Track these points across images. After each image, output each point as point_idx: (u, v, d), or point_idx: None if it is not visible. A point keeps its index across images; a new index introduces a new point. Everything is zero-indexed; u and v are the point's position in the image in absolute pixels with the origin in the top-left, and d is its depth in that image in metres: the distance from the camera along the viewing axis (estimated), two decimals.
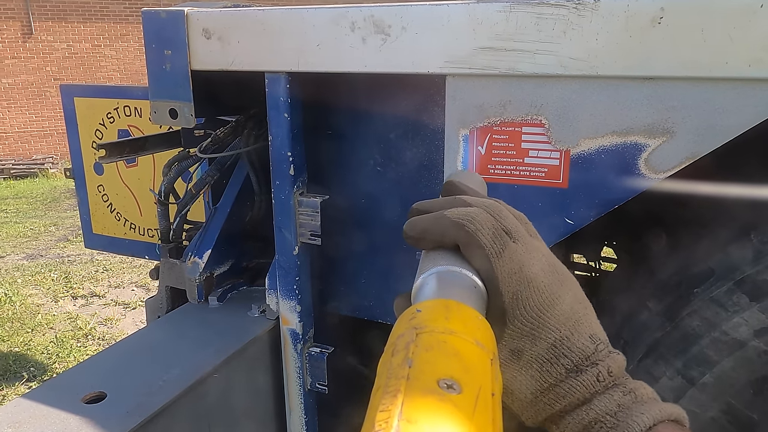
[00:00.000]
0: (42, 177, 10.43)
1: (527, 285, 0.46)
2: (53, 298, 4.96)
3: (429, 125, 1.30)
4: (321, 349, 1.44)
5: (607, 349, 0.47)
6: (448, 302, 0.39)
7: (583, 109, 1.00)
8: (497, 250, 0.46)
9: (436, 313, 0.37)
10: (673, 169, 0.97)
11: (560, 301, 0.47)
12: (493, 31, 1.01)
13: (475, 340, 0.35)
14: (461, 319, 0.37)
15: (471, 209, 0.49)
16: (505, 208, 0.51)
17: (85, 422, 1.07)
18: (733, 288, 1.01)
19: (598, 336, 0.47)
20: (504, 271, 0.46)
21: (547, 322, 0.46)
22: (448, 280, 0.44)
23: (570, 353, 0.46)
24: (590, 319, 0.48)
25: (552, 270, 0.48)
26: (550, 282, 0.47)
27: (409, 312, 0.38)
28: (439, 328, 0.35)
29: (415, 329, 0.35)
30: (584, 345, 0.46)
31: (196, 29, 1.27)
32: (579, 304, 0.48)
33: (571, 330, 0.46)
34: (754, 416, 1.01)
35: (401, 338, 0.35)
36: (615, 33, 0.94)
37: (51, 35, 11.26)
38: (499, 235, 0.47)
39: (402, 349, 0.34)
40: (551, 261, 0.49)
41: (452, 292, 0.43)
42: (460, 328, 0.35)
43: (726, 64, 0.88)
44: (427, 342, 0.34)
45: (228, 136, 1.60)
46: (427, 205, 0.53)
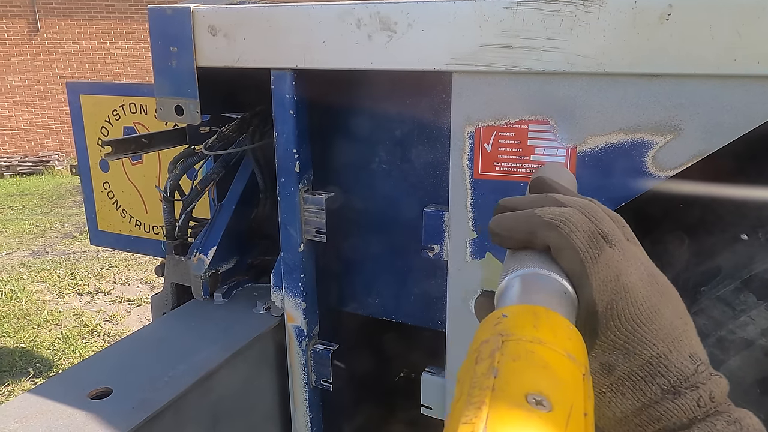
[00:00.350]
0: (48, 174, 10.47)
1: (624, 295, 0.42)
2: (59, 295, 4.98)
3: (435, 122, 1.30)
4: (326, 346, 1.44)
5: (708, 371, 0.43)
6: (536, 308, 0.36)
7: (590, 107, 0.99)
8: (592, 254, 0.43)
9: (524, 320, 0.34)
10: (681, 167, 0.96)
11: (659, 314, 0.43)
12: (500, 28, 1.01)
13: (566, 351, 0.32)
14: (551, 327, 0.34)
15: (565, 209, 0.45)
16: (601, 208, 0.47)
17: (92, 417, 1.07)
18: (740, 287, 1.01)
19: (699, 356, 0.43)
20: (599, 278, 0.42)
21: (643, 337, 0.42)
22: (536, 283, 0.42)
23: (667, 372, 0.42)
24: (691, 336, 0.44)
25: (652, 280, 0.44)
26: (649, 293, 0.43)
27: (494, 316, 0.35)
28: (527, 336, 0.32)
29: (501, 336, 0.33)
30: (684, 365, 0.42)
31: (202, 26, 1.27)
32: (679, 319, 0.44)
33: (669, 347, 0.42)
34: (761, 416, 1.00)
35: (486, 345, 0.32)
36: (622, 30, 0.93)
37: (57, 33, 11.30)
38: (595, 238, 0.43)
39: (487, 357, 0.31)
40: (651, 270, 0.45)
41: (540, 298, 0.40)
42: (549, 337, 0.33)
43: (734, 61, 0.88)
44: (514, 351, 0.31)
45: (233, 133, 1.60)
46: (516, 202, 0.49)
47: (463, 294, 1.17)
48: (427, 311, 1.43)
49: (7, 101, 11.16)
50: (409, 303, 1.45)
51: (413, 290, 1.44)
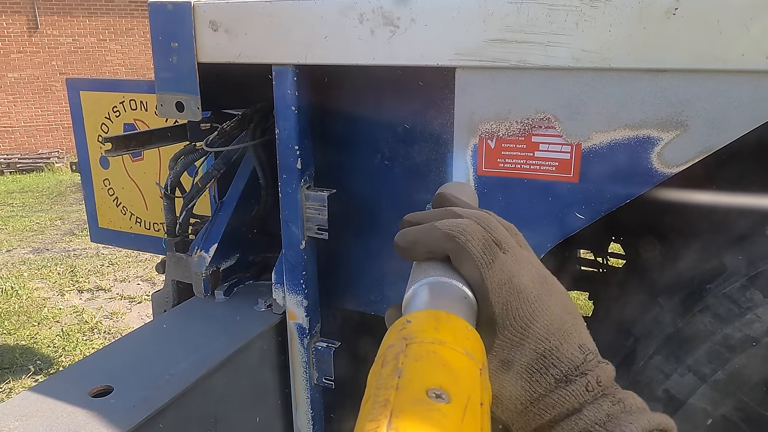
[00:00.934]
0: (48, 171, 10.46)
1: (517, 295, 0.46)
2: (59, 292, 4.98)
3: (438, 119, 1.29)
4: (327, 344, 1.43)
5: (596, 359, 0.47)
6: (438, 313, 0.39)
7: (595, 102, 0.98)
8: (487, 260, 0.46)
9: (426, 324, 0.37)
10: (687, 164, 0.95)
11: (549, 311, 0.47)
12: (504, 23, 1.00)
13: (465, 350, 0.35)
14: (451, 329, 0.37)
15: (461, 220, 0.49)
16: (495, 219, 0.51)
17: (92, 416, 1.07)
18: (746, 284, 1.00)
19: (587, 346, 0.48)
20: (494, 282, 0.46)
21: (536, 332, 0.46)
22: (438, 290, 0.45)
23: (559, 363, 0.46)
24: (579, 329, 0.48)
25: (541, 280, 0.49)
26: (540, 292, 0.47)
27: (399, 323, 0.38)
28: (428, 338, 0.35)
29: (405, 339, 0.35)
30: (573, 355, 0.46)
31: (203, 21, 1.26)
32: (568, 314, 0.48)
33: (560, 340, 0.46)
34: (767, 414, 1.00)
35: (391, 349, 0.35)
36: (628, 25, 0.92)
37: (56, 29, 11.28)
38: (489, 245, 0.47)
39: (392, 359, 0.34)
40: (540, 271, 0.50)
41: (442, 303, 0.43)
42: (449, 338, 0.35)
43: (742, 56, 0.87)
44: (417, 352, 0.34)
45: (234, 130, 1.59)
46: (419, 217, 0.53)
47: None
48: None
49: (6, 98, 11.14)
50: None
51: None
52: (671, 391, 1.05)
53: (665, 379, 1.06)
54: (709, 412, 1.03)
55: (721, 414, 1.02)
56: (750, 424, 1.01)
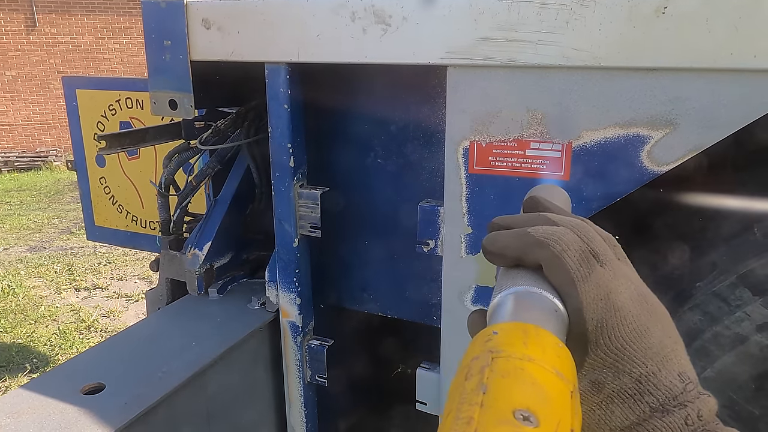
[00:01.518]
0: (46, 170, 10.45)
1: (614, 313, 0.43)
2: (56, 290, 4.97)
3: (430, 117, 1.29)
4: (321, 342, 1.44)
5: (696, 390, 0.43)
6: (526, 326, 0.37)
7: (585, 101, 0.99)
8: (583, 273, 0.43)
9: (514, 337, 0.35)
10: (676, 162, 0.95)
11: (649, 333, 0.43)
12: (495, 21, 1.00)
13: (555, 369, 0.33)
14: (540, 345, 0.35)
15: (557, 228, 0.46)
16: (593, 228, 0.48)
17: (84, 413, 1.07)
18: (735, 282, 1.00)
19: (688, 375, 0.44)
20: (589, 297, 0.43)
21: (633, 355, 0.43)
22: (527, 301, 0.42)
23: (656, 391, 0.42)
24: (680, 355, 0.45)
25: (641, 299, 0.45)
26: (639, 312, 0.44)
27: (484, 333, 0.36)
28: (516, 353, 0.33)
29: (491, 353, 0.33)
30: (672, 383, 0.43)
31: (196, 19, 1.26)
32: (669, 338, 0.45)
33: (659, 365, 0.43)
34: (755, 411, 1.00)
35: (476, 361, 0.33)
36: (618, 23, 0.92)
37: (54, 28, 11.26)
38: (586, 257, 0.44)
39: (476, 373, 0.32)
40: (641, 289, 0.46)
41: (531, 316, 0.40)
42: (538, 355, 0.34)
43: (731, 55, 0.87)
44: (504, 368, 0.32)
45: (229, 128, 1.60)
46: (509, 220, 0.50)
47: (458, 289, 1.17)
48: (422, 307, 1.42)
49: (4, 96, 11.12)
50: (404, 299, 1.45)
51: (408, 286, 1.44)
52: None
53: None
54: None
55: None
56: (739, 422, 1.01)
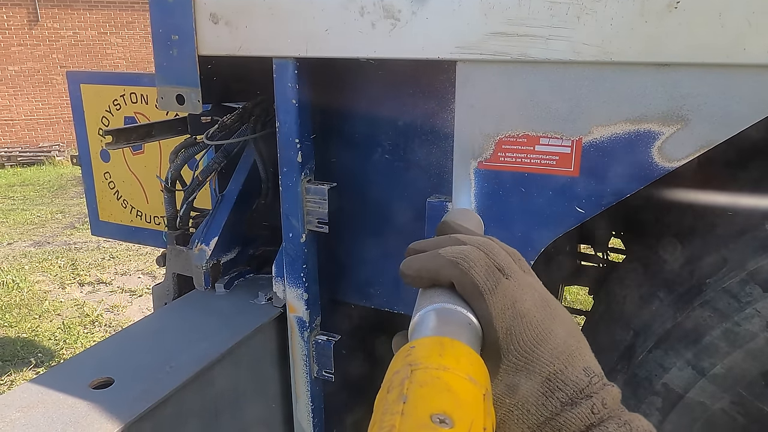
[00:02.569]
0: (49, 164, 10.46)
1: (520, 320, 0.47)
2: (60, 285, 4.99)
3: (439, 113, 1.29)
4: (328, 337, 1.44)
5: (601, 382, 0.47)
6: (442, 339, 0.40)
7: (596, 96, 0.98)
8: (490, 286, 0.47)
9: (431, 350, 0.38)
10: (687, 158, 0.95)
11: (553, 335, 0.47)
12: (505, 16, 0.99)
13: (468, 375, 0.36)
14: (455, 355, 0.38)
15: (464, 247, 0.50)
16: (498, 245, 0.52)
17: (93, 407, 1.07)
18: (746, 279, 1.00)
19: (592, 369, 0.48)
20: (497, 307, 0.46)
21: (540, 356, 0.47)
22: (443, 317, 0.45)
23: (564, 386, 0.46)
24: (584, 351, 0.49)
25: (544, 304, 0.49)
26: (543, 316, 0.48)
27: (404, 349, 0.39)
28: (433, 364, 0.36)
29: (410, 366, 0.36)
30: (578, 378, 0.47)
31: (204, 14, 1.25)
32: (572, 337, 0.49)
33: (564, 363, 0.47)
34: (765, 408, 1.00)
35: (397, 375, 0.36)
36: (630, 18, 0.92)
37: (57, 22, 11.26)
38: (492, 271, 0.48)
39: (397, 385, 0.35)
40: (544, 296, 0.50)
41: (447, 329, 0.44)
42: (453, 364, 0.36)
43: (744, 50, 0.86)
44: (422, 378, 0.35)
45: (235, 123, 1.59)
46: (423, 245, 0.54)
47: None
48: None
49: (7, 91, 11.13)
50: (411, 294, 1.45)
51: None
52: (670, 384, 1.06)
53: (664, 373, 1.06)
54: (708, 406, 1.03)
55: (719, 408, 1.03)
56: (748, 419, 1.01)
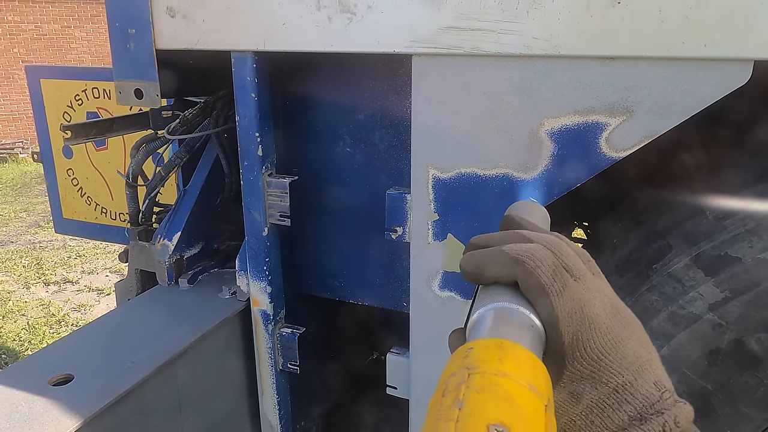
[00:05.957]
0: (12, 162, 10.19)
1: (588, 326, 0.44)
2: (24, 285, 4.88)
3: (397, 105, 1.31)
4: (292, 330, 1.45)
5: (673, 398, 0.44)
6: (502, 342, 0.38)
7: (546, 89, 1.01)
8: (558, 288, 0.45)
9: (490, 353, 0.36)
10: (633, 148, 0.99)
11: (623, 344, 0.45)
12: (458, 11, 1.01)
13: (529, 383, 0.34)
14: (515, 360, 0.36)
15: (531, 245, 0.48)
16: (567, 244, 0.50)
17: (52, 404, 1.06)
18: (689, 263, 1.04)
19: (663, 383, 0.45)
20: (564, 311, 0.44)
21: (609, 366, 0.44)
22: (504, 317, 0.43)
23: (633, 399, 0.43)
24: (655, 364, 0.46)
25: (615, 311, 0.46)
26: (613, 324, 0.45)
27: (462, 350, 0.37)
28: (491, 369, 0.34)
29: (467, 369, 0.34)
30: (649, 392, 0.44)
31: (161, 7, 1.24)
32: (643, 348, 0.46)
33: (634, 375, 0.44)
34: (708, 386, 1.05)
35: (453, 378, 0.34)
36: (576, 13, 0.94)
37: (18, 16, 10.93)
38: (560, 272, 0.46)
39: (453, 389, 0.33)
40: (614, 301, 0.48)
41: (508, 331, 0.42)
42: (513, 370, 0.34)
43: (683, 44, 0.90)
44: (479, 384, 0.33)
45: (197, 118, 1.58)
46: (485, 239, 0.52)
47: (426, 275, 1.19)
48: (392, 293, 1.44)
49: None
50: (374, 285, 1.47)
51: (378, 273, 1.45)
52: None
53: None
54: None
55: None
56: (693, 397, 1.06)
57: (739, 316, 0.99)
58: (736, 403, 1.03)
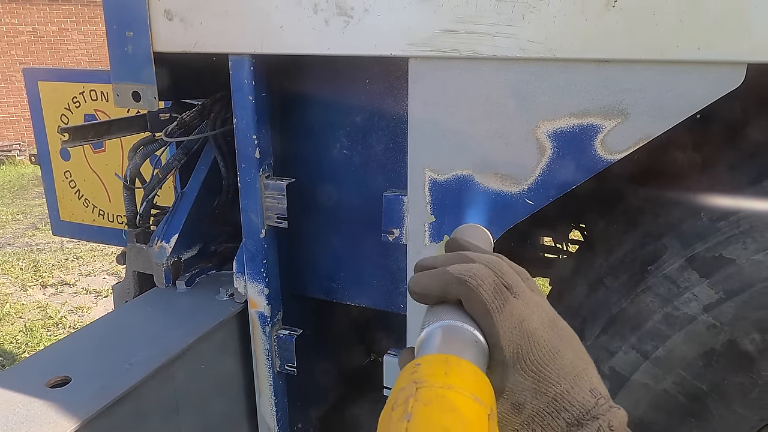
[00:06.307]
0: (9, 164, 10.17)
1: (528, 339, 0.47)
2: (22, 287, 4.87)
3: (394, 108, 1.31)
4: (289, 332, 1.45)
5: (608, 404, 0.47)
6: (448, 357, 0.40)
7: (541, 92, 1.02)
8: (498, 305, 0.47)
9: (436, 368, 0.38)
10: (628, 150, 0.99)
11: (560, 355, 0.47)
12: (454, 14, 1.02)
13: (473, 395, 0.36)
14: (460, 374, 0.37)
15: (473, 265, 0.50)
16: (507, 263, 0.52)
17: (49, 406, 1.07)
18: (684, 265, 1.05)
19: (599, 390, 0.48)
20: (505, 326, 0.46)
21: (548, 376, 0.46)
22: (449, 334, 0.45)
23: (571, 407, 0.46)
24: (590, 373, 0.49)
25: (552, 324, 0.49)
26: (551, 336, 0.48)
27: (410, 366, 0.39)
28: (438, 383, 0.36)
29: (415, 383, 0.36)
30: (585, 399, 0.46)
31: (158, 10, 1.25)
32: (579, 358, 0.49)
33: (571, 384, 0.47)
34: (703, 387, 1.05)
35: (402, 392, 0.36)
36: (571, 16, 0.95)
37: (15, 18, 10.92)
38: (500, 290, 0.48)
39: (402, 403, 0.35)
40: (551, 316, 0.50)
41: (453, 347, 0.44)
42: (458, 383, 0.36)
43: (677, 47, 0.91)
44: (426, 396, 0.35)
45: (194, 120, 1.59)
46: (431, 261, 0.54)
47: None
48: (389, 295, 1.45)
49: None
50: (371, 287, 1.47)
51: (375, 275, 1.46)
52: (616, 368, 1.10)
53: (611, 356, 1.10)
54: (651, 387, 1.08)
55: (662, 388, 1.08)
56: (688, 398, 1.06)
57: (734, 317, 1.00)
58: (731, 404, 1.04)
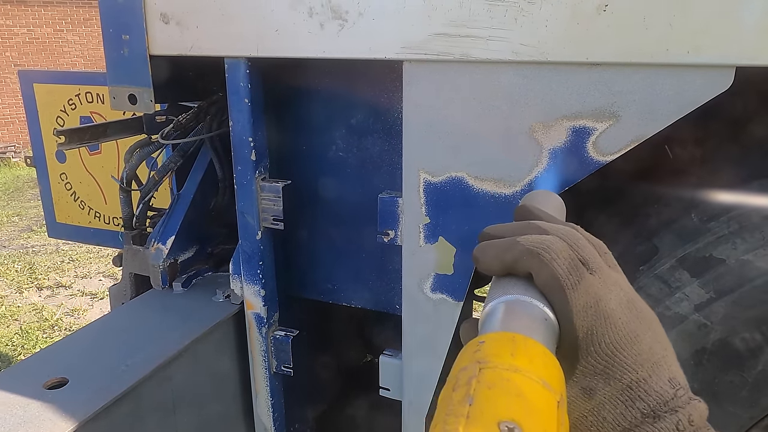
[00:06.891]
0: (4, 166, 10.14)
1: (603, 320, 0.43)
2: (17, 290, 4.86)
3: (389, 110, 1.32)
4: (286, 333, 1.46)
5: (687, 395, 0.44)
6: (514, 336, 0.37)
7: (534, 94, 1.03)
8: (573, 281, 0.44)
9: (502, 348, 0.35)
10: (619, 152, 1.00)
11: (639, 339, 0.44)
12: (448, 18, 1.03)
13: (542, 379, 0.33)
14: (528, 355, 0.35)
15: (546, 237, 0.46)
16: (583, 236, 0.48)
17: (47, 407, 1.07)
18: (675, 265, 1.06)
19: (678, 381, 0.44)
20: (579, 304, 0.43)
21: (623, 361, 0.43)
22: (517, 310, 0.42)
23: (647, 396, 0.43)
24: (670, 360, 0.45)
25: (631, 306, 0.46)
26: (629, 318, 0.44)
27: (473, 343, 0.36)
28: (503, 364, 0.33)
29: (478, 363, 0.34)
30: (663, 389, 0.43)
31: (154, 14, 1.26)
32: (658, 344, 0.45)
33: (649, 371, 0.43)
34: (695, 386, 1.06)
35: (464, 372, 0.33)
36: (563, 20, 0.96)
37: (10, 19, 10.89)
38: (576, 265, 0.44)
39: (464, 384, 0.32)
40: (630, 296, 0.47)
41: (520, 324, 0.41)
42: (525, 365, 0.34)
43: (667, 50, 0.92)
44: (490, 379, 0.32)
45: (190, 122, 1.60)
46: (500, 230, 0.51)
47: (418, 277, 1.20)
48: (385, 296, 1.46)
49: None
50: (367, 288, 1.48)
51: (370, 276, 1.47)
52: None
53: None
54: None
55: None
56: None
57: (724, 316, 1.01)
58: (722, 402, 1.05)
